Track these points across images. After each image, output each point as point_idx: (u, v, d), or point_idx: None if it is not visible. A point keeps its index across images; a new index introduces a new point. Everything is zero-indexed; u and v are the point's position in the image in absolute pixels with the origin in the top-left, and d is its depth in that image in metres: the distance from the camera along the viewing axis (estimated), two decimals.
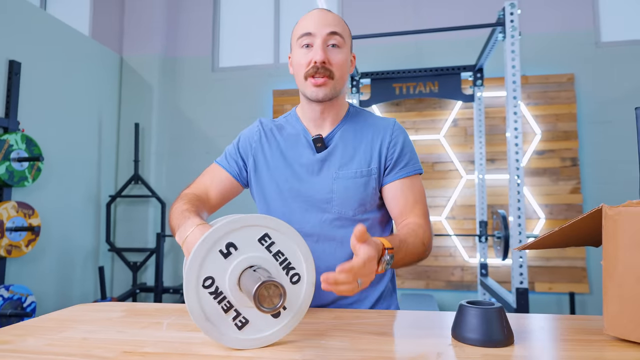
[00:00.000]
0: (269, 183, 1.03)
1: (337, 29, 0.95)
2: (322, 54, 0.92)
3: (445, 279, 3.44)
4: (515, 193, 2.22)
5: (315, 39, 0.94)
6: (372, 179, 0.98)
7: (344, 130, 1.02)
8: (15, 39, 2.94)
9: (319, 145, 1.00)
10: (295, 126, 1.05)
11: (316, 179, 0.99)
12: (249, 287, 0.59)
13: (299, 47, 0.96)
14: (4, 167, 2.73)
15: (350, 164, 0.98)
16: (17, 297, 2.78)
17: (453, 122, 3.53)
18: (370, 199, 0.98)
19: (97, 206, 3.72)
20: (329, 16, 0.96)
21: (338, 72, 0.95)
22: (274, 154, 1.03)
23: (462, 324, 0.66)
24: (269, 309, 0.57)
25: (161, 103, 4.05)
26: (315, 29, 0.94)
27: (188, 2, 4.22)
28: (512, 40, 2.26)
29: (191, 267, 0.61)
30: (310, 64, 0.94)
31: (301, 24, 0.97)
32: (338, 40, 0.95)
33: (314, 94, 0.95)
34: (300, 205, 0.99)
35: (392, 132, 1.01)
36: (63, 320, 0.79)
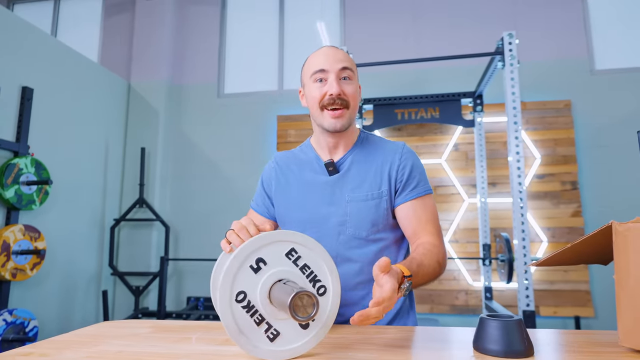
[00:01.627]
0: (287, 212, 1.09)
1: (347, 64, 1.02)
2: (337, 87, 0.99)
3: (449, 303, 3.43)
4: (518, 216, 2.26)
5: (329, 74, 1.01)
6: (383, 200, 1.02)
7: (355, 155, 1.07)
8: (28, 65, 3.03)
9: (331, 169, 1.05)
10: (308, 154, 1.13)
11: (330, 202, 1.04)
12: (283, 298, 0.62)
13: (313, 82, 1.03)
14: (13, 191, 2.77)
15: (362, 186, 1.03)
16: (19, 322, 2.76)
17: (454, 147, 3.60)
18: (383, 220, 1.03)
19: (101, 230, 3.73)
20: (339, 53, 1.04)
21: (352, 102, 1.03)
22: (290, 184, 1.11)
23: (484, 336, 0.69)
24: (303, 318, 0.60)
25: (167, 128, 4.12)
26: (329, 66, 1.01)
27: (195, 31, 4.36)
28: (512, 69, 2.35)
29: (225, 283, 0.64)
30: (325, 96, 1.01)
31: (313, 61, 1.04)
32: (349, 74, 1.03)
33: (332, 125, 1.01)
34: (317, 230, 1.04)
35: (400, 155, 1.05)
36: (94, 335, 0.81)
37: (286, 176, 1.12)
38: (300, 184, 1.09)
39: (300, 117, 3.91)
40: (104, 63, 4.40)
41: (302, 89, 1.10)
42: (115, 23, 4.48)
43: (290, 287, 0.63)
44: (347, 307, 1.01)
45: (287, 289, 0.63)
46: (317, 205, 1.05)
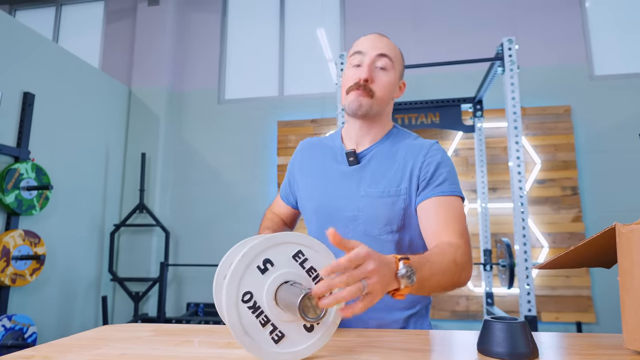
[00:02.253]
0: (304, 200, 1.09)
1: (386, 52, 0.99)
2: (367, 72, 0.96)
3: (450, 309, 3.42)
4: (519, 221, 2.26)
5: (364, 58, 0.98)
6: (401, 199, 0.95)
7: (380, 149, 1.02)
8: (30, 71, 3.05)
9: (351, 160, 1.01)
10: (335, 142, 1.09)
11: (344, 194, 1.00)
12: (291, 299, 0.62)
13: (350, 65, 1.01)
14: (13, 196, 2.76)
15: (380, 182, 0.97)
16: (18, 328, 2.75)
17: (454, 152, 3.60)
18: (398, 220, 0.96)
19: (101, 235, 3.73)
20: (382, 40, 1.01)
21: (380, 92, 0.97)
22: (310, 171, 1.09)
23: (488, 339, 0.68)
24: (313, 319, 0.60)
25: (167, 134, 4.13)
26: (366, 49, 0.99)
27: (196, 37, 4.38)
28: (511, 74, 2.36)
29: (231, 283, 0.64)
30: (355, 79, 0.98)
31: (355, 43, 1.03)
32: (386, 63, 0.98)
33: (350, 105, 0.98)
34: (327, 221, 1.00)
35: (427, 152, 0.97)
36: (96, 339, 0.81)
37: (307, 163, 1.10)
38: (319, 172, 1.06)
39: (301, 122, 3.92)
40: (105, 69, 4.42)
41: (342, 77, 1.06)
42: (116, 29, 4.50)
43: (298, 288, 0.63)
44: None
45: (296, 290, 0.63)
46: (331, 196, 1.01)
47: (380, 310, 0.97)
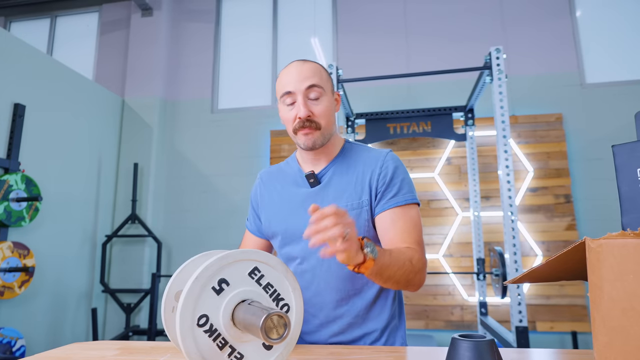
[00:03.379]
0: (272, 227, 1.08)
1: (314, 81, 0.99)
2: (304, 110, 0.97)
3: (444, 319, 3.38)
4: (509, 229, 2.24)
5: (297, 96, 0.98)
6: (364, 211, 0.98)
7: (337, 166, 1.05)
8: (21, 83, 3.05)
9: (312, 181, 1.04)
10: (292, 167, 1.12)
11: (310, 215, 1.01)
12: (252, 320, 0.60)
13: (282, 104, 1.02)
14: (2, 207, 2.75)
15: (342, 197, 1.00)
16: (6, 341, 2.72)
17: (447, 161, 3.60)
18: (364, 231, 0.99)
19: (92, 246, 3.70)
20: (306, 69, 1.00)
21: (323, 121, 1.00)
22: (273, 198, 1.10)
23: (455, 358, 0.67)
24: (276, 340, 0.58)
25: (160, 144, 4.13)
26: (294, 87, 0.98)
27: (189, 47, 4.39)
28: (499, 83, 2.36)
29: (185, 307, 0.61)
30: (295, 119, 0.99)
31: (281, 81, 1.02)
32: (317, 92, 0.99)
33: (305, 144, 1.00)
34: (296, 244, 1.02)
35: (382, 162, 1.02)
36: (60, 357, 0.79)
37: (270, 191, 1.12)
38: (283, 198, 1.07)
39: None
40: (99, 79, 4.43)
41: (278, 106, 1.09)
42: (110, 39, 4.52)
43: (258, 308, 0.61)
44: (324, 325, 0.99)
45: (256, 310, 0.61)
46: (299, 218, 1.02)
47: (355, 324, 0.98)
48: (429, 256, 3.49)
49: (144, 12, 4.32)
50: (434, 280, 3.45)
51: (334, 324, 0.98)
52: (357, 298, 0.98)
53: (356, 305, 0.98)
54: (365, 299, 0.99)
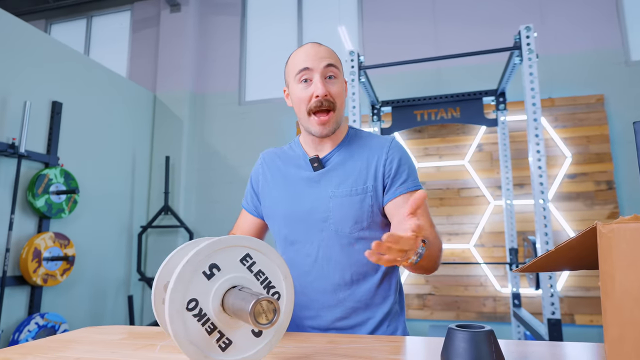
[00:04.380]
0: (273, 208, 1.07)
1: (332, 61, 0.98)
2: (323, 88, 0.95)
3: (476, 310, 3.29)
4: (541, 218, 2.14)
5: (314, 74, 0.97)
6: (368, 196, 0.98)
7: (341, 152, 1.04)
8: (58, 81, 3.19)
9: (316, 165, 1.03)
10: (296, 151, 1.11)
11: (314, 198, 1.01)
12: (241, 305, 0.60)
13: (297, 82, 0.99)
14: (44, 200, 2.91)
15: (346, 182, 1.00)
16: (51, 325, 2.89)
17: (478, 147, 3.47)
18: (367, 217, 0.98)
19: (129, 236, 3.86)
20: (322, 49, 1.00)
21: (339, 102, 0.99)
22: (276, 180, 1.09)
23: (450, 348, 0.64)
24: (265, 324, 0.58)
25: (190, 137, 4.23)
26: (312, 64, 0.97)
27: (216, 40, 4.45)
28: (530, 63, 2.23)
29: (175, 290, 0.62)
30: (311, 98, 0.96)
31: (296, 59, 1.00)
32: (334, 72, 0.99)
33: (319, 132, 0.99)
34: (300, 226, 1.01)
35: (388, 149, 1.02)
36: (67, 341, 0.82)
37: (272, 172, 1.11)
38: (285, 180, 1.07)
39: None
40: (132, 76, 4.58)
41: (286, 88, 1.07)
42: (142, 36, 4.65)
43: (248, 294, 0.61)
44: (325, 309, 0.98)
45: (246, 295, 0.61)
46: (301, 201, 1.02)
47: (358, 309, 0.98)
48: (460, 246, 3.39)
49: (173, 8, 4.41)
50: (464, 270, 3.35)
51: (335, 309, 0.97)
52: (359, 283, 0.98)
53: (359, 290, 0.97)
54: (367, 284, 0.98)
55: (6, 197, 2.74)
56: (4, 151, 2.64)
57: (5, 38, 2.79)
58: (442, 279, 3.39)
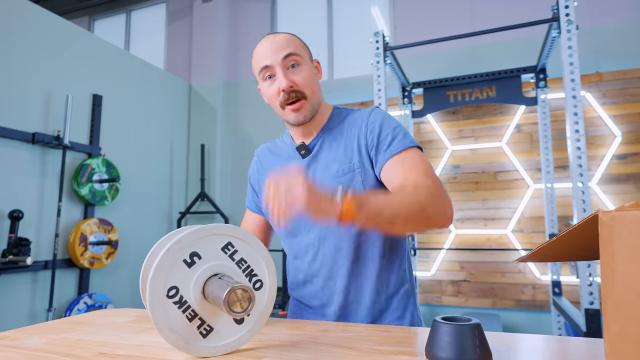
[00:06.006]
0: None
1: (289, 50, 0.95)
2: (285, 81, 0.93)
3: (514, 298, 3.17)
4: (579, 202, 2.00)
5: (275, 68, 0.95)
6: (356, 174, 0.95)
7: (326, 134, 1.03)
8: (99, 76, 3.35)
9: (303, 153, 1.03)
10: (285, 142, 1.11)
11: None
12: (217, 293, 0.61)
13: (262, 80, 0.99)
14: (88, 188, 3.09)
15: (333, 164, 0.98)
16: (98, 305, 3.10)
17: (516, 128, 3.29)
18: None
19: (169, 222, 4.03)
20: (279, 40, 0.96)
21: (308, 89, 0.96)
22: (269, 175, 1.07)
23: (434, 342, 0.61)
24: (239, 313, 0.58)
25: (224, 124, 4.32)
26: (271, 59, 0.95)
27: (247, 28, 4.48)
28: (569, 36, 2.07)
29: (155, 278, 0.63)
30: (279, 93, 0.95)
31: (256, 58, 0.99)
32: (296, 60, 0.96)
33: (295, 119, 0.97)
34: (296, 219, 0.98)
35: (367, 120, 0.98)
36: (77, 323, 0.87)
37: (266, 168, 1.12)
38: None
39: (352, 105, 3.84)
40: (169, 67, 4.72)
41: (259, 86, 1.05)
42: (177, 28, 4.77)
43: (225, 282, 0.62)
44: (333, 296, 0.97)
45: (222, 283, 0.62)
46: None
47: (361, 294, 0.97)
48: (497, 231, 3.26)
49: None
50: (501, 256, 3.23)
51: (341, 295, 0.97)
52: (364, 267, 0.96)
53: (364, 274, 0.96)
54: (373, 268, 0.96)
55: (54, 186, 2.93)
56: (49, 143, 2.82)
57: (49, 37, 2.96)
58: (478, 265, 3.28)
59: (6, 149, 2.64)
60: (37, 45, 2.87)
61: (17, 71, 2.73)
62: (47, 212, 2.88)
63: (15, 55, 2.72)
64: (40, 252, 2.83)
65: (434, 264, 3.39)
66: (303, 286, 1.03)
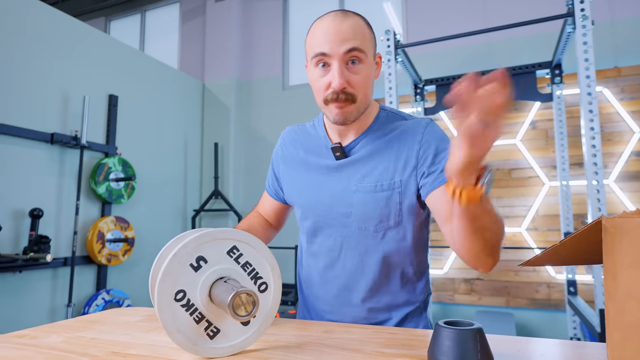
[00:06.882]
0: (293, 196, 1.03)
1: (355, 44, 0.84)
2: (340, 81, 0.83)
3: (528, 297, 3.14)
4: (594, 201, 1.97)
5: (332, 60, 0.84)
6: (395, 193, 0.88)
7: (368, 139, 0.93)
8: (114, 76, 3.42)
9: (338, 155, 0.94)
10: (318, 132, 1.01)
11: (335, 190, 0.93)
12: (222, 297, 0.63)
13: (314, 65, 0.87)
14: (104, 187, 3.16)
15: (371, 175, 0.90)
16: (116, 300, 3.17)
17: (531, 125, 3.24)
18: (394, 215, 0.89)
19: (183, 220, 4.10)
20: (345, 27, 0.84)
21: (361, 93, 0.87)
22: (296, 165, 1.02)
23: (436, 346, 0.62)
24: (244, 316, 0.60)
25: (237, 123, 4.35)
26: (331, 49, 0.83)
27: (259, 26, 4.50)
28: (584, 31, 2.02)
29: (163, 282, 0.65)
30: (328, 87, 0.85)
31: (315, 37, 0.86)
32: (357, 55, 0.84)
33: (336, 117, 0.88)
34: (322, 219, 0.96)
35: (421, 137, 0.88)
36: (91, 321, 0.90)
37: (292, 156, 1.03)
38: (306, 166, 0.99)
39: None
40: (182, 66, 4.77)
41: (307, 63, 0.93)
42: (190, 27, 4.82)
43: (230, 286, 0.63)
44: (345, 307, 0.95)
45: (227, 287, 0.63)
46: (322, 192, 0.95)
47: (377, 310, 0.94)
48: (511, 229, 3.22)
49: None
50: (515, 255, 3.19)
51: (355, 308, 0.94)
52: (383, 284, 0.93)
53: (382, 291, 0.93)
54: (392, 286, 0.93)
55: (72, 185, 3.01)
56: (67, 143, 2.90)
57: (66, 39, 3.03)
58: None
59: (26, 149, 2.72)
60: (55, 47, 2.94)
61: (35, 73, 2.80)
62: (65, 211, 2.96)
63: (33, 58, 2.79)
64: (60, 249, 2.91)
65: (447, 261, 3.37)
66: (315, 286, 1.00)
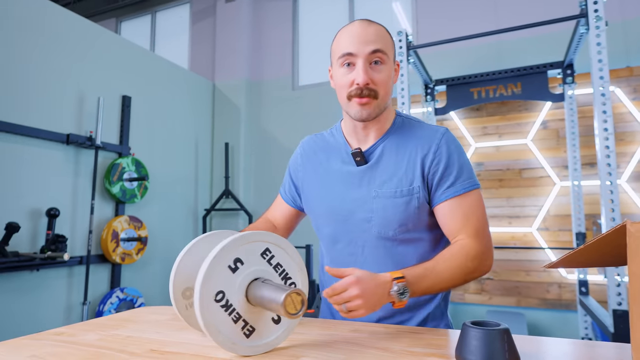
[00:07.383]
0: (313, 203, 1.05)
1: (379, 46, 0.91)
2: (364, 77, 0.89)
3: (539, 297, 3.14)
4: (607, 201, 1.97)
5: (357, 59, 0.90)
6: (414, 198, 0.92)
7: (386, 144, 0.97)
8: (127, 77, 3.46)
9: (358, 160, 0.97)
10: (337, 139, 1.05)
11: (356, 197, 0.96)
12: (272, 297, 0.65)
13: (340, 66, 0.93)
14: (118, 187, 3.21)
15: (391, 181, 0.94)
16: (129, 299, 3.22)
17: (542, 125, 3.23)
18: (413, 219, 0.93)
19: (195, 219, 4.14)
20: (370, 31, 0.91)
21: (382, 91, 0.92)
22: (316, 172, 1.05)
23: (464, 345, 0.64)
24: (294, 314, 0.64)
25: (248, 123, 4.39)
26: (357, 49, 0.90)
27: (269, 27, 4.52)
28: (597, 32, 2.03)
29: (204, 284, 0.67)
30: (352, 84, 0.91)
31: (341, 41, 0.94)
32: (381, 57, 0.91)
33: (358, 113, 0.93)
34: (342, 226, 0.98)
35: (436, 147, 0.93)
36: (123, 320, 0.94)
37: (312, 163, 1.07)
38: (326, 173, 1.02)
39: None
40: (193, 66, 4.81)
41: (331, 68, 0.99)
42: (200, 28, 4.86)
43: (276, 286, 0.67)
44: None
45: (276, 287, 0.66)
46: (341, 199, 0.98)
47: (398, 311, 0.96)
48: (522, 229, 3.23)
49: None
50: (526, 255, 3.20)
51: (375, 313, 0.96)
52: None
53: None
54: None
55: (87, 184, 3.06)
56: (82, 144, 2.94)
57: (79, 40, 3.07)
58: (502, 263, 3.26)
59: (43, 149, 2.77)
60: (70, 49, 2.99)
61: (52, 75, 2.85)
62: (81, 210, 3.01)
63: (49, 60, 2.84)
64: (75, 248, 2.96)
65: None
66: None
